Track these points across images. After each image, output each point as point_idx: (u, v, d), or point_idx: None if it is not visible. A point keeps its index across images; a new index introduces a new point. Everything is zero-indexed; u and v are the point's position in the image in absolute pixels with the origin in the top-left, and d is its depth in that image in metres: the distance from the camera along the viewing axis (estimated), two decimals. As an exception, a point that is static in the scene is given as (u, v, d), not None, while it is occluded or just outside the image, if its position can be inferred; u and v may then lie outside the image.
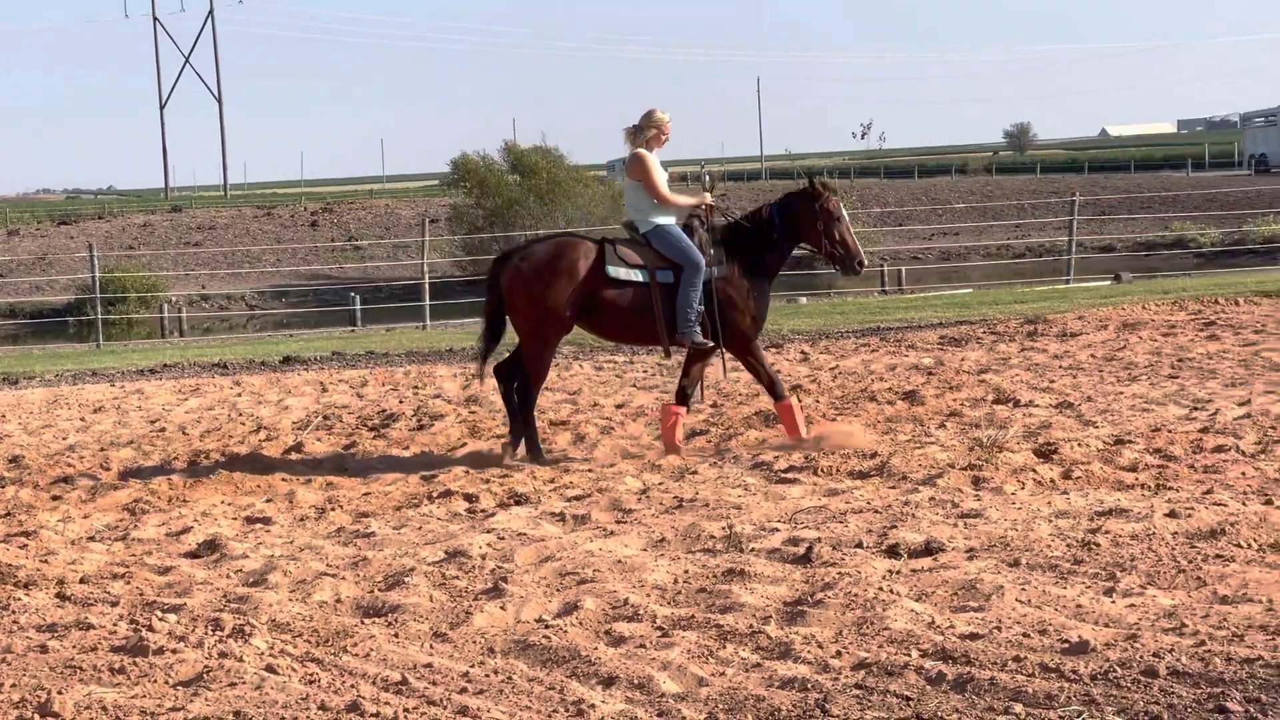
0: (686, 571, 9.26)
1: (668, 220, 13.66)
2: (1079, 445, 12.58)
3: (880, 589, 8.60)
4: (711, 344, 13.65)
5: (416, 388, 19.08)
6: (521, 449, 13.61)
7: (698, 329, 13.48)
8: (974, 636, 7.69)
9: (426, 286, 34.89)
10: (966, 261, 62.14)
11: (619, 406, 16.47)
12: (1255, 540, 9.23)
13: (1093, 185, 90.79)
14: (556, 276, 13.43)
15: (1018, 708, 6.71)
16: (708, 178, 14.31)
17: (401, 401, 17.79)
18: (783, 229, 13.71)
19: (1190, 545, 9.24)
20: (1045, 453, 12.40)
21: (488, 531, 10.66)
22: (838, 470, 12.33)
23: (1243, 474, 11.43)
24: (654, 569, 9.31)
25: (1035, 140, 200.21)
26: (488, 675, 7.47)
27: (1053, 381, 16.72)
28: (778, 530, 10.25)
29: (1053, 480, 11.59)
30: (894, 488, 11.66)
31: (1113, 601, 8.21)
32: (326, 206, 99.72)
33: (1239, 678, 6.87)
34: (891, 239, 66.49)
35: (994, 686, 6.96)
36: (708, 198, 13.88)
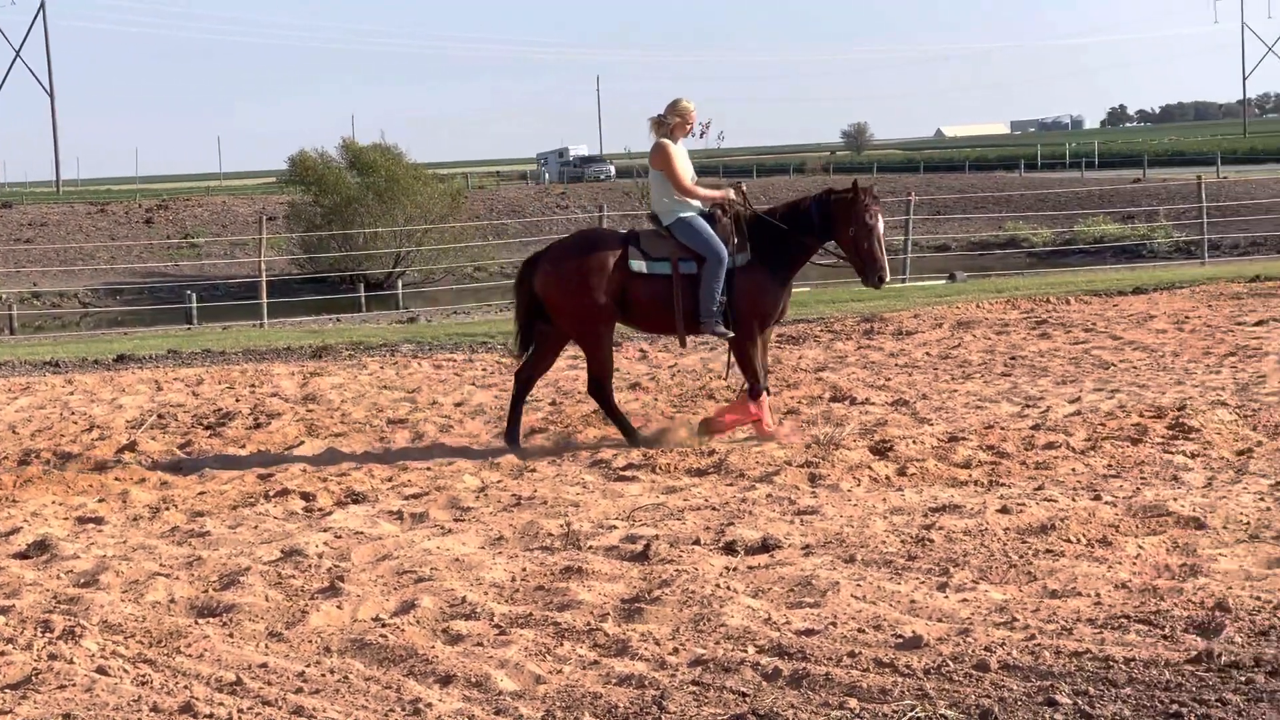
0: (524, 569, 9.25)
1: (690, 211, 13.67)
2: (914, 442, 12.73)
3: (717, 586, 8.64)
4: (733, 334, 13.64)
5: (253, 386, 18.88)
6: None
7: (720, 319, 13.49)
8: (810, 632, 7.76)
9: (264, 284, 34.54)
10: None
11: (458, 405, 16.42)
12: (1084, 535, 9.39)
13: (928, 185, 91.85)
14: (589, 274, 13.54)
15: (852, 703, 6.78)
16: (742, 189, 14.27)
17: (238, 400, 17.59)
18: (819, 224, 13.66)
19: (1021, 540, 9.39)
20: (881, 450, 12.53)
21: (325, 530, 10.59)
22: (676, 468, 12.38)
23: (1073, 470, 11.63)
24: (492, 567, 9.29)
25: (872, 140, 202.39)
26: (324, 675, 7.42)
27: (889, 379, 16.90)
28: (616, 528, 10.27)
29: (888, 477, 11.72)
30: (731, 485, 11.73)
31: (946, 597, 8.31)
32: (162, 204, 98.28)
33: (1068, 670, 6.99)
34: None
35: (829, 682, 7.03)
36: (731, 192, 13.88)
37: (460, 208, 69.97)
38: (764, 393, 13.75)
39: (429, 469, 12.84)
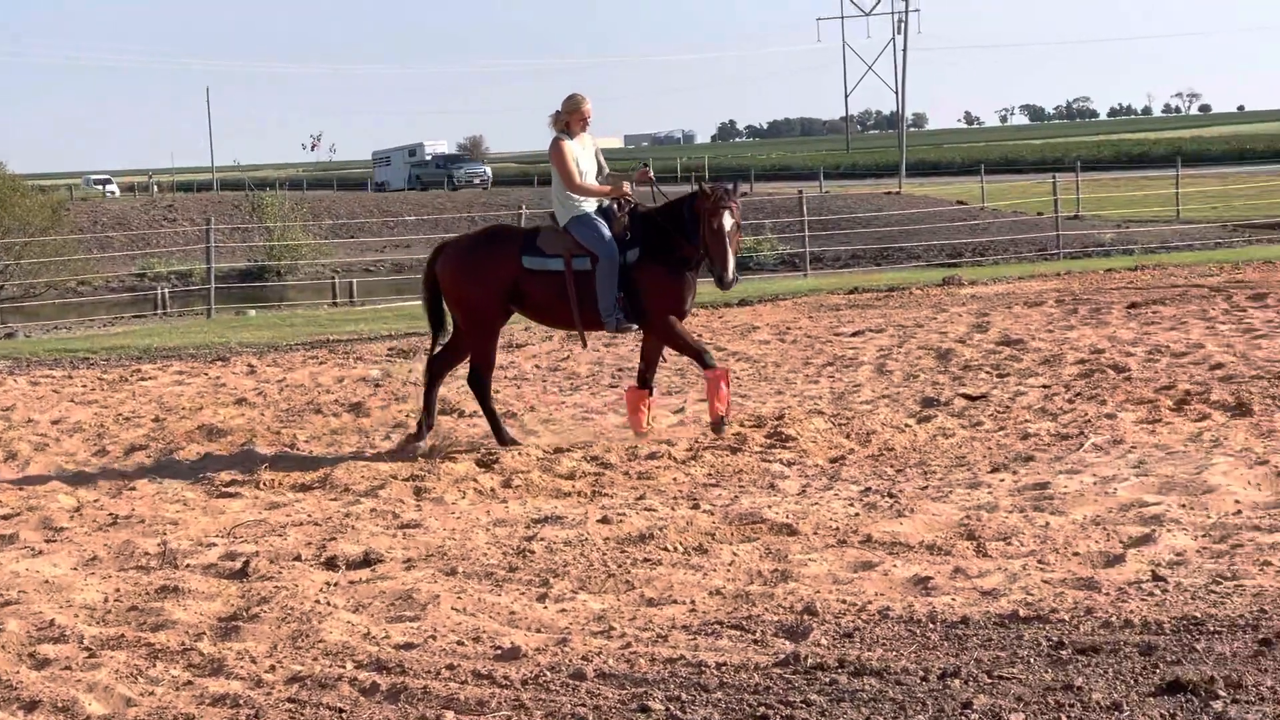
0: (118, 590, 9.05)
1: (584, 209, 13.50)
2: (519, 454, 12.80)
3: (317, 601, 8.59)
4: (635, 327, 13.59)
5: None
6: (425, 442, 13.61)
7: (615, 316, 13.37)
8: (409, 646, 7.76)
9: None
10: (419, 274, 62.48)
11: (55, 422, 15.94)
12: (681, 543, 9.57)
13: (542, 197, 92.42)
14: (481, 268, 13.60)
15: (449, 715, 6.80)
16: (642, 169, 14.03)
17: None
18: (689, 224, 13.45)
19: (621, 550, 9.52)
20: (487, 462, 12.58)
21: (-95, 555, 10.17)
22: (280, 484, 12.24)
23: (674, 479, 11.85)
24: (84, 588, 9.07)
25: (489, 153, 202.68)
26: (-103, 707, 7.13)
27: (497, 392, 16.89)
28: (215, 545, 10.11)
29: (493, 489, 11.78)
30: (335, 500, 11.65)
31: (545, 607, 8.39)
32: None
33: (661, 677, 7.11)
34: (343, 251, 66.28)
35: (427, 695, 7.03)
36: (626, 187, 13.66)
37: (63, 220, 67.85)
38: (715, 367, 13.60)
39: (21, 489, 12.44)
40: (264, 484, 12.24)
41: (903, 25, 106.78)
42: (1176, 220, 54.17)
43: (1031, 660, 7.12)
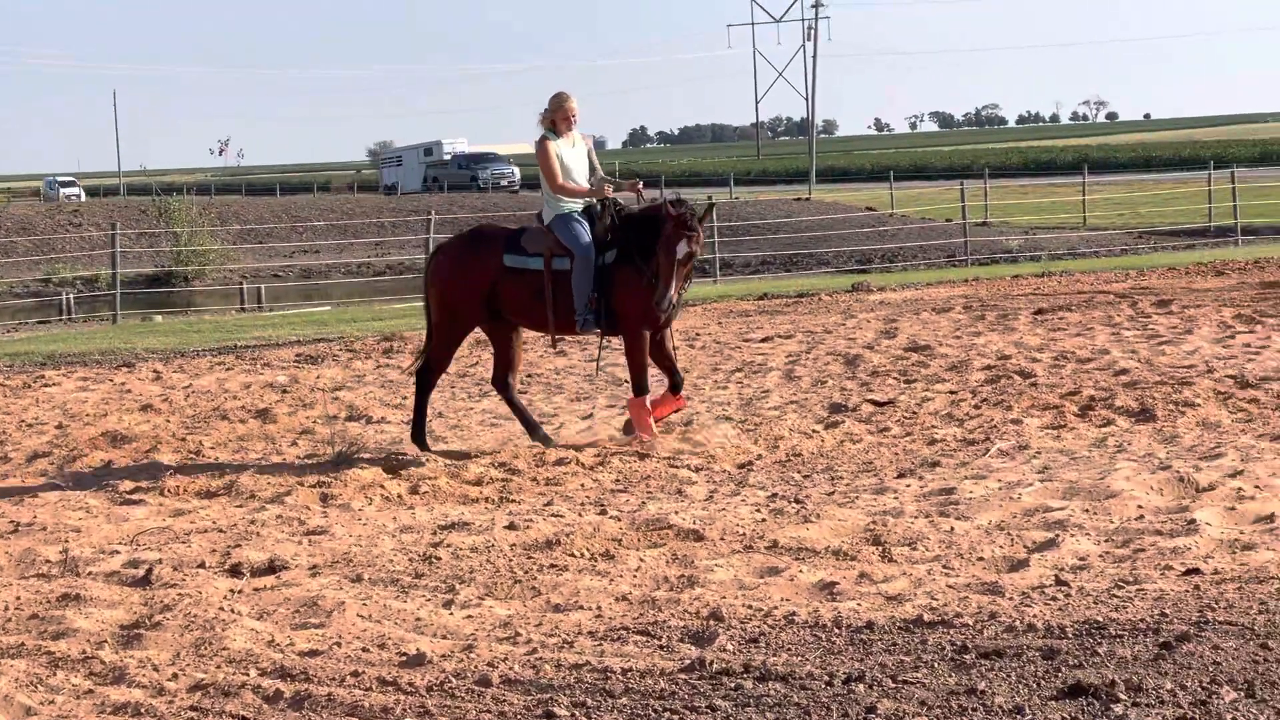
0: (19, 598, 8.97)
1: (568, 208, 13.44)
2: (427, 461, 12.76)
3: (221, 609, 8.53)
4: (599, 331, 13.58)
5: None
6: (556, 435, 13.90)
7: (585, 317, 13.31)
8: (314, 653, 7.72)
9: None
10: (328, 279, 62.05)
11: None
12: (588, 549, 9.57)
13: (451, 204, 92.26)
14: (462, 272, 13.63)
15: (353, 722, 6.77)
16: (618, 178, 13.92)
17: None
18: (647, 231, 13.35)
19: (528, 556, 9.52)
20: (394, 469, 12.54)
21: None
22: (185, 490, 12.15)
23: (582, 485, 11.85)
24: (-17, 597, 8.98)
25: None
26: None
27: (405, 398, 16.86)
28: (118, 553, 10.04)
29: (400, 495, 11.74)
30: (241, 506, 11.58)
31: (451, 613, 8.37)
32: None
33: (567, 683, 7.11)
34: (252, 257, 65.85)
35: (331, 702, 7.00)
36: (608, 189, 13.57)
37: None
38: (647, 393, 13.57)
39: (-78, 497, 12.29)
40: (168, 491, 12.14)
41: (813, 32, 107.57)
42: (1083, 227, 54.59)
43: (935, 665, 7.16)
